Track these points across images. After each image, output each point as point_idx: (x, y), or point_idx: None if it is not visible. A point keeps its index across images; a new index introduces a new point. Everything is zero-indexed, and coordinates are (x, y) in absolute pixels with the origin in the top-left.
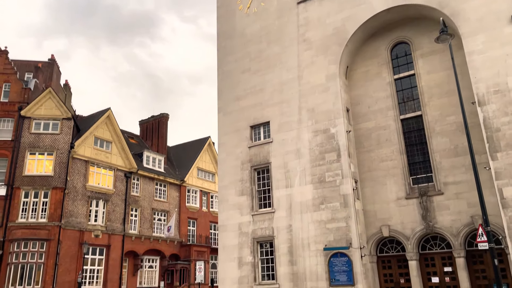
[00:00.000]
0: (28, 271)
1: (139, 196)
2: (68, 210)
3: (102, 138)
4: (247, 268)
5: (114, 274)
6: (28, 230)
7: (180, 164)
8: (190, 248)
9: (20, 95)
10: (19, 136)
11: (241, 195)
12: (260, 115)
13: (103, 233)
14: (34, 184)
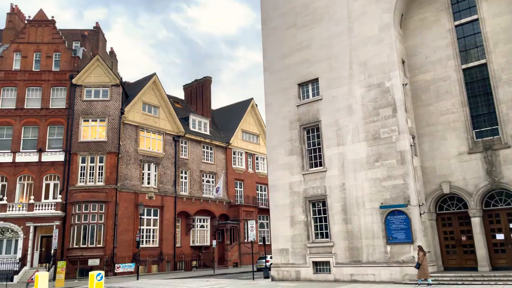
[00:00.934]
0: (90, 231)
1: (188, 159)
2: (123, 173)
3: (149, 103)
4: (300, 226)
5: (168, 234)
6: (87, 193)
7: (224, 127)
8: (238, 209)
9: (70, 64)
10: (73, 104)
11: (290, 154)
12: (308, 72)
13: (156, 194)
14: (90, 149)
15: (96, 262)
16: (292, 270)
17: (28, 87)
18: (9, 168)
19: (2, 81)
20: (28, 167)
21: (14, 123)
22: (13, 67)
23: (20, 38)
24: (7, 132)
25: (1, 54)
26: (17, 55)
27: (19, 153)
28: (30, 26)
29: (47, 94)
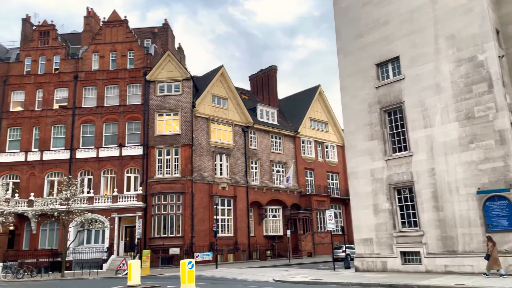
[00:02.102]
0: (170, 221)
1: (257, 149)
2: (197, 165)
3: (218, 96)
4: (384, 215)
5: (242, 223)
6: (165, 184)
7: (291, 116)
8: (310, 198)
9: (143, 61)
10: (147, 100)
11: (370, 139)
12: (387, 51)
13: (229, 185)
14: (165, 142)
15: (176, 251)
16: (377, 260)
17: (106, 85)
18: (94, 163)
19: (83, 81)
20: (111, 161)
21: (96, 120)
22: (92, 67)
23: (97, 39)
24: (90, 129)
25: (81, 56)
26: (95, 55)
27: (101, 149)
28: (106, 27)
29: (124, 91)
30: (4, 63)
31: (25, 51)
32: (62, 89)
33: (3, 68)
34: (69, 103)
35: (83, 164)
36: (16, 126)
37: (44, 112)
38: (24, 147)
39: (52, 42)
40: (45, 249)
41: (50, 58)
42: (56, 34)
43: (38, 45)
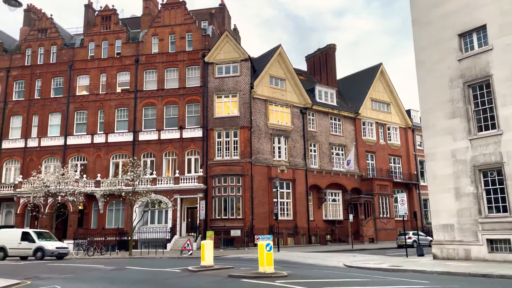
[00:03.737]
0: (230, 203)
1: (316, 131)
2: (255, 147)
3: (276, 76)
4: (468, 199)
5: (301, 207)
6: (225, 166)
7: (351, 97)
8: (371, 182)
9: (201, 43)
10: (206, 82)
11: (452, 117)
12: (471, 19)
13: (287, 168)
14: (224, 124)
15: (237, 233)
16: (459, 248)
17: (166, 68)
18: (156, 145)
19: (144, 64)
20: (172, 144)
21: (156, 103)
22: (152, 50)
23: (156, 22)
24: (152, 112)
25: (141, 39)
26: (154, 38)
27: (163, 131)
28: (164, 9)
29: (183, 73)
30: (70, 49)
31: (88, 36)
32: (124, 72)
33: (69, 54)
34: (131, 86)
35: (146, 146)
36: (82, 109)
37: (108, 95)
38: (90, 130)
39: (114, 26)
40: (111, 228)
41: (112, 42)
42: (117, 18)
43: (101, 30)
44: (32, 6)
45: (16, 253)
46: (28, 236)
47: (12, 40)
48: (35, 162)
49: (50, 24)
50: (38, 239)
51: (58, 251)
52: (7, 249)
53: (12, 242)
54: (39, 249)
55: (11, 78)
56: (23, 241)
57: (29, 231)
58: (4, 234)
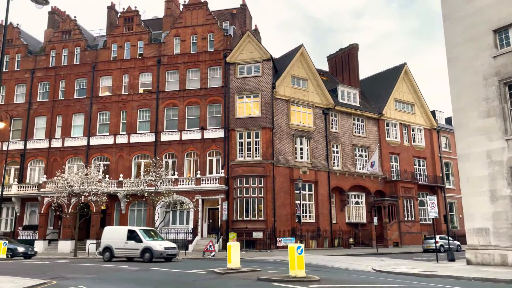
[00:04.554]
0: (251, 205)
1: (338, 132)
2: (277, 148)
3: (298, 77)
4: (504, 202)
5: (324, 209)
6: (247, 167)
7: (374, 97)
8: (396, 184)
9: (223, 43)
10: (227, 82)
11: (486, 117)
12: (508, 14)
13: (310, 169)
14: (246, 125)
15: (259, 235)
16: (495, 253)
17: (188, 69)
18: (177, 146)
19: (166, 65)
20: (193, 144)
21: (178, 104)
22: (174, 51)
23: (177, 23)
24: (173, 112)
25: (163, 40)
26: (176, 39)
27: (184, 131)
28: (186, 10)
29: (205, 74)
30: (93, 50)
31: (111, 37)
32: (146, 73)
33: (92, 55)
34: (153, 87)
35: (167, 147)
36: (105, 110)
37: (130, 96)
38: (112, 130)
39: (136, 27)
40: None
41: (134, 43)
42: (139, 19)
43: (123, 31)
44: (56, 9)
45: (122, 253)
46: (135, 235)
47: (36, 42)
48: (59, 162)
49: (73, 26)
50: (146, 238)
51: (167, 252)
52: (113, 249)
53: (118, 242)
54: (147, 250)
55: (35, 79)
56: (130, 241)
57: (136, 229)
58: (110, 233)
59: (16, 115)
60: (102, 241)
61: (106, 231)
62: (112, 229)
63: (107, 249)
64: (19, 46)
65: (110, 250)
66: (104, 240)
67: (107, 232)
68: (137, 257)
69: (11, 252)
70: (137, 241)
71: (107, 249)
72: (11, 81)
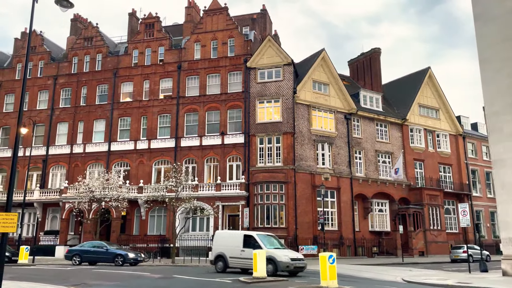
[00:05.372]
0: (272, 211)
1: (361, 138)
2: (298, 154)
3: (319, 81)
4: None
5: (346, 217)
6: (267, 173)
7: (397, 102)
8: (421, 192)
9: (243, 48)
10: (248, 87)
11: None
12: None
13: (332, 176)
14: (266, 130)
15: None
16: None
17: (208, 74)
18: (197, 151)
19: (186, 71)
20: (213, 150)
21: (198, 109)
22: (194, 57)
23: (198, 28)
24: (193, 118)
25: (183, 46)
26: (197, 45)
27: (204, 137)
28: (206, 15)
29: (225, 79)
30: (114, 57)
31: (132, 43)
32: (167, 79)
33: (114, 61)
34: (173, 92)
35: (187, 152)
36: (125, 116)
37: (151, 102)
38: (133, 136)
39: (157, 33)
40: (153, 235)
41: (155, 49)
42: (160, 26)
43: (144, 37)
44: (78, 16)
45: (237, 263)
46: (252, 241)
47: (59, 49)
48: (80, 168)
49: (95, 32)
50: (266, 245)
51: (295, 264)
52: (227, 258)
53: (234, 249)
54: (269, 261)
55: (58, 85)
56: (246, 248)
57: (253, 234)
58: (223, 238)
59: (39, 121)
60: (214, 248)
61: (218, 235)
62: (225, 234)
63: (220, 258)
64: (42, 53)
65: (224, 259)
66: (216, 246)
67: (219, 236)
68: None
69: (122, 258)
70: (255, 249)
71: (220, 258)
72: (34, 88)
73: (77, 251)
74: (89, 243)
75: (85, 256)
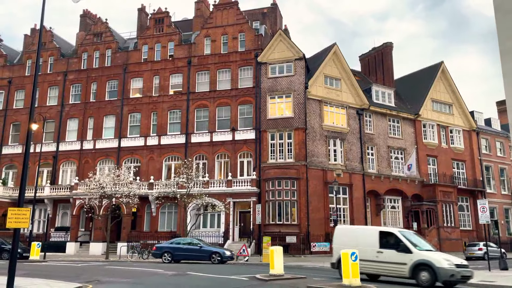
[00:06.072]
0: (284, 208)
1: (373, 133)
2: (310, 150)
3: (331, 76)
4: None
5: (359, 214)
6: (279, 169)
7: (409, 97)
8: (434, 188)
9: (254, 43)
10: (259, 82)
11: None
12: None
13: (344, 172)
14: (278, 126)
15: (293, 240)
16: None
17: (218, 69)
18: (208, 147)
19: (196, 66)
20: (224, 146)
21: (209, 105)
22: (204, 52)
23: (208, 23)
24: (204, 113)
25: (193, 41)
26: (207, 40)
27: (215, 133)
28: (216, 10)
29: (235, 74)
30: (124, 52)
31: (142, 39)
32: (177, 74)
33: (123, 57)
34: (184, 88)
35: (198, 149)
36: (135, 112)
37: (161, 98)
38: (143, 132)
39: (167, 28)
40: (164, 231)
41: (165, 44)
42: (170, 21)
43: (154, 32)
44: (88, 12)
45: (373, 268)
46: (393, 240)
47: (68, 45)
48: (90, 164)
49: (105, 28)
50: (414, 246)
51: (462, 272)
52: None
53: (366, 251)
54: (424, 267)
55: (68, 81)
56: (385, 249)
57: (394, 231)
58: (347, 236)
59: (49, 117)
60: (335, 248)
61: (339, 232)
62: (350, 230)
63: None
64: (52, 49)
65: None
66: (337, 245)
67: (341, 233)
68: (403, 277)
69: (219, 256)
70: (400, 251)
71: None
72: (44, 84)
73: (168, 248)
74: (178, 240)
75: (177, 253)
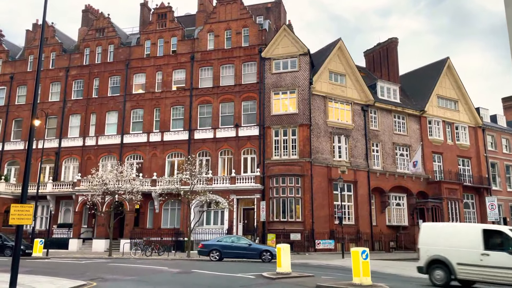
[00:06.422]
0: (288, 205)
1: (378, 130)
2: (314, 146)
3: (335, 72)
4: None
5: (363, 211)
6: (283, 166)
7: (414, 94)
8: (439, 185)
9: (258, 38)
10: (263, 78)
11: None
12: None
13: (348, 169)
14: (282, 122)
15: (297, 237)
16: None
17: (221, 65)
18: (211, 144)
19: (199, 61)
20: (227, 142)
21: (212, 101)
22: (207, 47)
23: (211, 18)
24: (207, 110)
25: (196, 36)
26: (210, 35)
27: (218, 129)
28: (220, 5)
29: (239, 70)
30: (126, 47)
31: (144, 34)
32: (180, 70)
33: (126, 52)
34: (187, 84)
35: (201, 145)
36: (138, 108)
37: (164, 93)
38: (146, 128)
39: (169, 23)
40: (167, 228)
41: (168, 40)
42: (172, 16)
43: (157, 27)
44: (90, 7)
45: (475, 274)
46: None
47: (70, 41)
48: (93, 161)
49: (107, 23)
50: None
51: None
52: (453, 266)
53: (466, 252)
54: None
55: (70, 77)
56: (492, 251)
57: (505, 230)
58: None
59: (51, 113)
60: (424, 249)
61: (427, 230)
62: (441, 229)
63: (440, 264)
64: (54, 44)
65: (447, 267)
66: (427, 247)
67: (430, 233)
68: None
69: (270, 254)
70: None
71: (440, 264)
72: (46, 80)
73: (216, 246)
74: (225, 238)
75: (226, 251)
